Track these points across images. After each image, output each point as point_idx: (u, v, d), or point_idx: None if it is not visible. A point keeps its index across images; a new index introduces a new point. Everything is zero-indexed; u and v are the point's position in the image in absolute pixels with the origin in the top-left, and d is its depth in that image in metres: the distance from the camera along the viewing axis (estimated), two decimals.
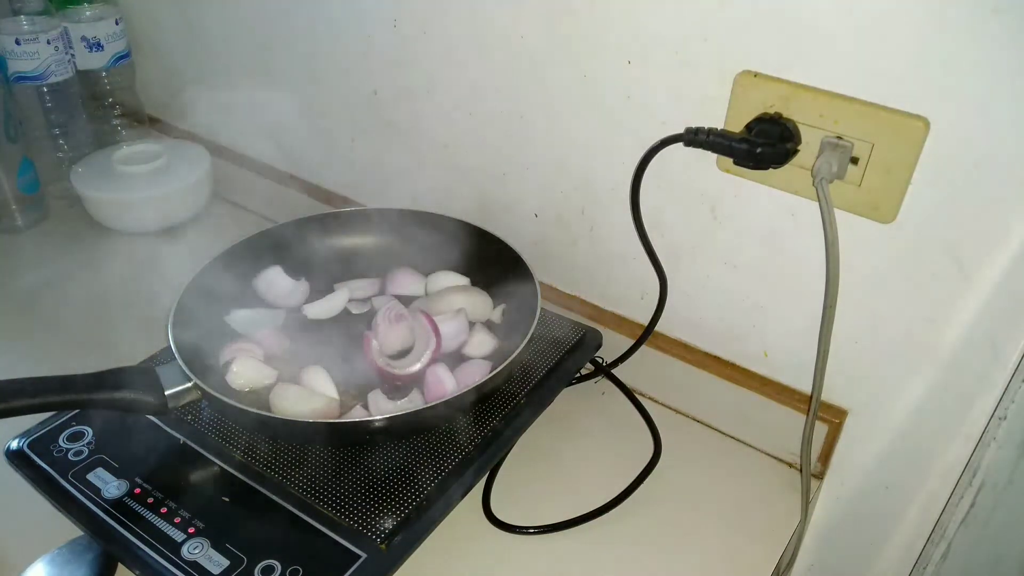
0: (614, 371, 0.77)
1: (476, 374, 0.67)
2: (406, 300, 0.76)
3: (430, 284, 0.78)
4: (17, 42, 0.90)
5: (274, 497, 0.60)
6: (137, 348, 0.73)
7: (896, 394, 0.64)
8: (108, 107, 1.04)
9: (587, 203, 0.74)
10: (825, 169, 0.55)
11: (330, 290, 0.77)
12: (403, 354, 0.70)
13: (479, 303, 0.75)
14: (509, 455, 0.68)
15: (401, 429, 0.63)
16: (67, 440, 0.65)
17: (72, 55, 0.96)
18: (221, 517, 0.59)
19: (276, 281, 0.76)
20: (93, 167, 0.95)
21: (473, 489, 0.64)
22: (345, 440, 0.64)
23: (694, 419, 0.74)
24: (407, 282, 0.78)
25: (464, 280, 0.78)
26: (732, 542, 0.63)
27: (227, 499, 0.60)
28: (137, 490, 0.60)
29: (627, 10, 0.63)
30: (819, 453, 0.68)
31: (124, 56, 1.01)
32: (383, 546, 0.57)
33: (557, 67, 0.69)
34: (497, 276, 0.75)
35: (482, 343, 0.71)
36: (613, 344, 0.76)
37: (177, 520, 0.58)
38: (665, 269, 0.70)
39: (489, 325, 0.74)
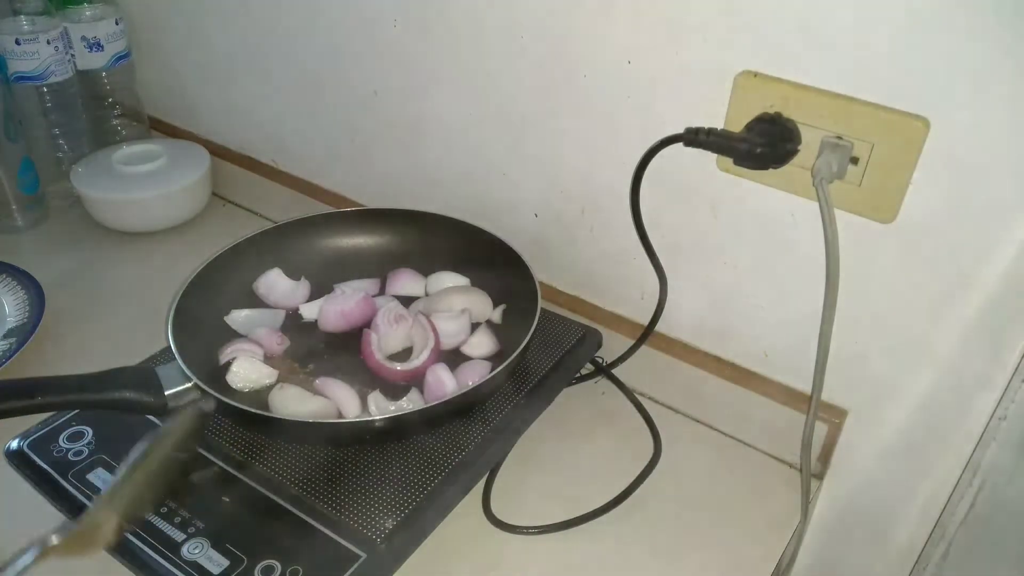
0: (614, 371, 0.77)
1: (476, 374, 0.67)
2: (406, 300, 0.76)
3: (430, 284, 0.78)
4: (17, 42, 0.90)
5: (274, 497, 0.60)
6: (137, 348, 0.73)
7: (896, 394, 0.64)
8: (108, 107, 1.04)
9: (587, 203, 0.74)
10: (825, 169, 0.55)
11: (330, 290, 0.77)
12: (403, 354, 0.70)
13: (479, 303, 0.75)
14: (509, 455, 0.68)
15: (401, 429, 0.63)
16: (67, 440, 0.65)
17: (72, 55, 0.96)
18: (221, 517, 0.59)
19: (276, 282, 0.76)
20: (93, 167, 0.95)
21: (473, 489, 0.64)
22: (345, 440, 0.64)
23: (694, 419, 0.74)
24: (407, 282, 0.78)
25: (464, 280, 0.78)
26: (732, 542, 0.63)
27: (227, 499, 0.60)
28: None
29: (627, 10, 0.63)
30: (819, 453, 0.68)
31: (124, 56, 1.01)
32: (383, 546, 0.57)
33: (557, 67, 0.69)
34: (497, 276, 0.75)
35: (482, 343, 0.71)
36: (613, 344, 0.76)
37: (177, 520, 0.58)
38: (665, 269, 0.70)
39: (489, 325, 0.74)
